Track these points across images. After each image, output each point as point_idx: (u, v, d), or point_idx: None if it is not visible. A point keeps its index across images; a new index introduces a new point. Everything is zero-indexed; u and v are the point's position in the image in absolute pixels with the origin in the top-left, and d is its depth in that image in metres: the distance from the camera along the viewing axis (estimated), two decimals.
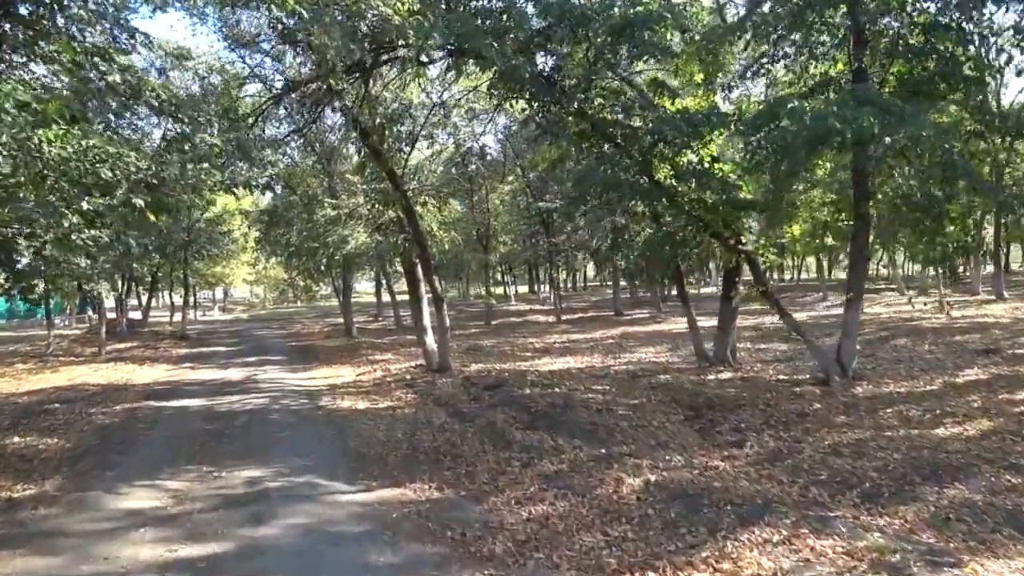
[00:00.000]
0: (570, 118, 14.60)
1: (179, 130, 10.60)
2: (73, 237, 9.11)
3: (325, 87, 15.44)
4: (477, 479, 9.10)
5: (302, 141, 31.19)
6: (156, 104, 10.11)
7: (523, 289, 76.24)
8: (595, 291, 67.92)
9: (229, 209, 43.70)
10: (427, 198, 20.56)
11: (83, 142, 7.79)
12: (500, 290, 77.18)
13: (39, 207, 8.21)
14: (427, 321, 19.11)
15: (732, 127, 14.01)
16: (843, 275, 55.15)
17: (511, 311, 44.25)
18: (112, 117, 10.72)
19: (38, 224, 8.72)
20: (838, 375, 14.18)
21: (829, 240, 37.44)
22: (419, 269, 19.20)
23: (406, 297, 48.34)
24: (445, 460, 10.05)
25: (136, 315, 45.78)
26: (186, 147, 10.02)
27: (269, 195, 40.89)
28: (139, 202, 8.54)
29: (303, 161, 33.29)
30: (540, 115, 14.24)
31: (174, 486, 9.16)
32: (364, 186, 23.83)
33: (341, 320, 40.64)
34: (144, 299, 45.53)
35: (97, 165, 7.88)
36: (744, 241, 15.77)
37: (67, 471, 10.13)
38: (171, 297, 37.56)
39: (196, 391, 17.56)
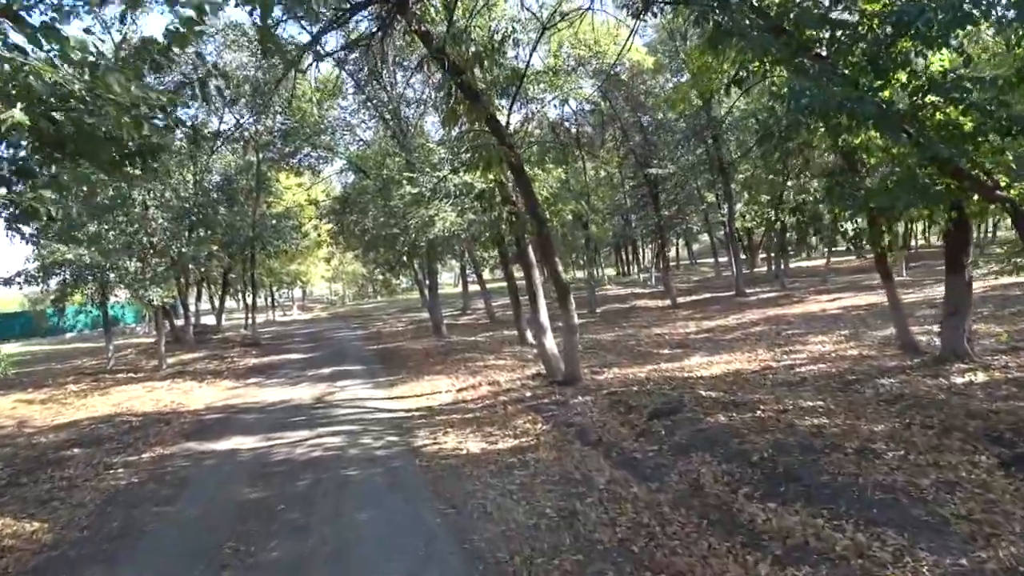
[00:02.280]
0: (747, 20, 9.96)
1: None
2: None
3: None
4: None
5: (373, 111, 27.47)
6: None
7: (609, 271, 71.59)
8: (688, 269, 62.82)
9: (299, 202, 40.50)
10: (544, 154, 15.96)
11: None
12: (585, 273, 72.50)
13: None
14: (545, 317, 14.65)
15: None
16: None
17: (610, 295, 39.62)
18: None
19: None
20: None
21: None
22: (531, 251, 14.82)
23: (495, 286, 44.18)
24: None
25: (210, 319, 43.11)
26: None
27: (340, 184, 37.67)
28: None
29: (376, 141, 29.58)
30: (716, 8, 9.54)
31: None
32: (449, 155, 19.62)
33: (425, 315, 36.78)
34: (217, 302, 42.41)
35: None
36: (1003, 184, 10.89)
37: None
38: (245, 299, 34.48)
39: (252, 423, 13.50)
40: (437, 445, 10.30)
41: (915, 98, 9.56)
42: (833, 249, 37.88)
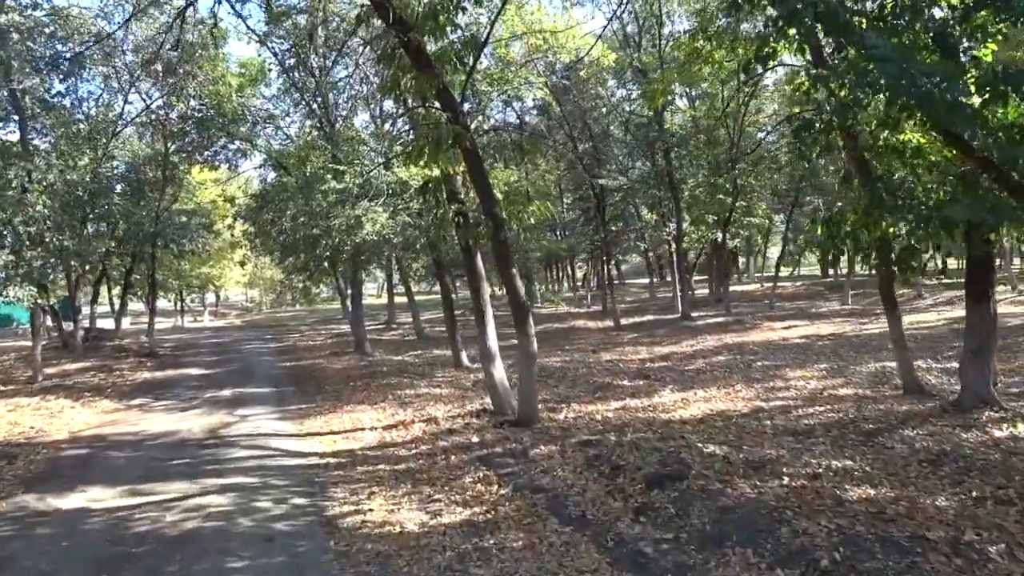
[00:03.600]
0: None
1: None
2: None
3: None
4: None
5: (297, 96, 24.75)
6: None
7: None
8: (618, 289, 61.11)
9: (212, 199, 37.18)
10: (508, 137, 13.19)
11: None
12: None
13: None
14: (494, 341, 12.14)
15: None
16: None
17: (544, 314, 37.25)
18: None
19: None
20: None
21: None
22: (479, 260, 12.33)
23: (426, 298, 41.59)
24: None
25: (108, 323, 39.16)
26: None
27: (258, 181, 34.42)
28: None
29: (300, 136, 26.79)
30: None
31: None
32: (384, 145, 17.04)
33: (346, 328, 33.80)
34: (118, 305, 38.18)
35: None
36: None
37: None
38: (152, 301, 30.82)
39: (121, 467, 10.54)
40: (360, 515, 7.64)
41: (983, 91, 7.37)
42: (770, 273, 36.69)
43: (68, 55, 23.45)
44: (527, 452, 9.48)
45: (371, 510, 7.74)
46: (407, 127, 25.17)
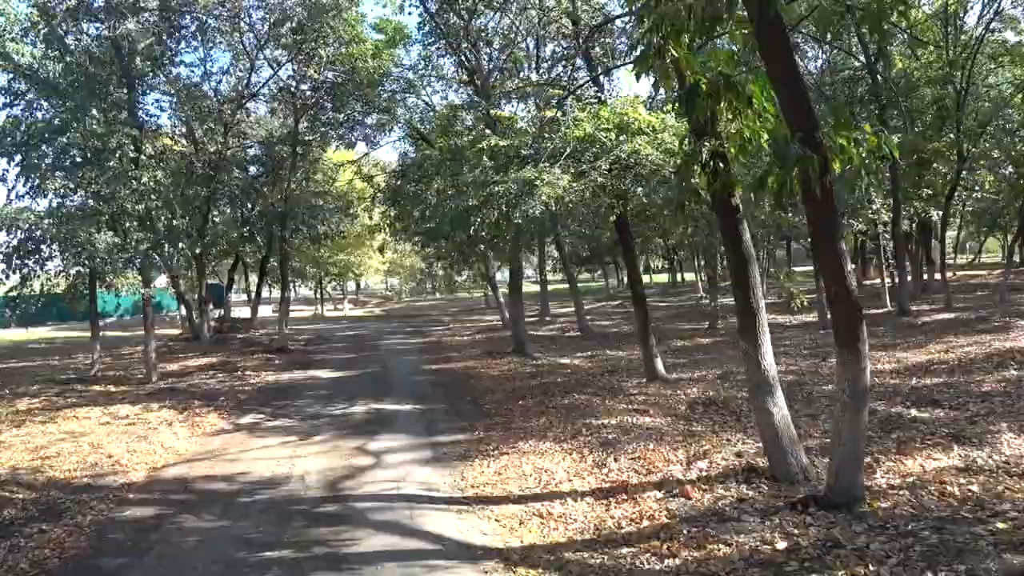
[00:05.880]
0: None
1: None
2: None
3: None
4: None
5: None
6: None
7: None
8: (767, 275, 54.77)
9: (349, 179, 34.35)
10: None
11: None
12: (663, 276, 64.74)
13: None
14: (771, 362, 7.58)
15: None
16: None
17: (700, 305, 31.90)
18: None
19: None
20: None
21: None
22: (746, 231, 7.75)
23: (560, 287, 37.33)
24: None
25: (244, 312, 37.55)
26: None
27: (397, 160, 31.28)
28: None
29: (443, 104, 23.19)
30: None
31: None
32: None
33: (494, 319, 30.04)
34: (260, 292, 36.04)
35: None
36: None
37: None
38: (283, 290, 27.99)
39: (190, 553, 6.59)
40: None
41: None
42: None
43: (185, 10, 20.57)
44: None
45: None
46: (579, 68, 20.95)
